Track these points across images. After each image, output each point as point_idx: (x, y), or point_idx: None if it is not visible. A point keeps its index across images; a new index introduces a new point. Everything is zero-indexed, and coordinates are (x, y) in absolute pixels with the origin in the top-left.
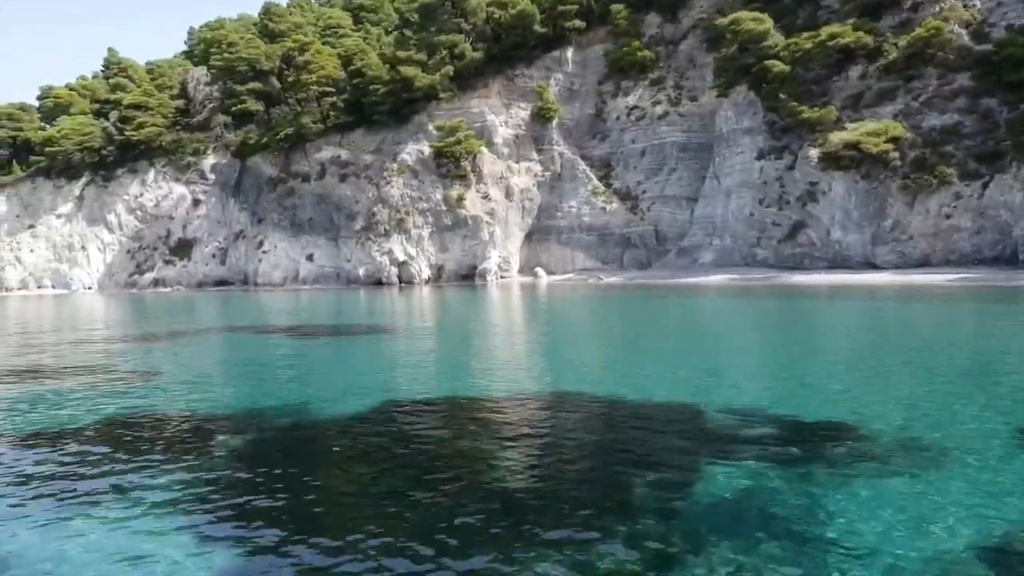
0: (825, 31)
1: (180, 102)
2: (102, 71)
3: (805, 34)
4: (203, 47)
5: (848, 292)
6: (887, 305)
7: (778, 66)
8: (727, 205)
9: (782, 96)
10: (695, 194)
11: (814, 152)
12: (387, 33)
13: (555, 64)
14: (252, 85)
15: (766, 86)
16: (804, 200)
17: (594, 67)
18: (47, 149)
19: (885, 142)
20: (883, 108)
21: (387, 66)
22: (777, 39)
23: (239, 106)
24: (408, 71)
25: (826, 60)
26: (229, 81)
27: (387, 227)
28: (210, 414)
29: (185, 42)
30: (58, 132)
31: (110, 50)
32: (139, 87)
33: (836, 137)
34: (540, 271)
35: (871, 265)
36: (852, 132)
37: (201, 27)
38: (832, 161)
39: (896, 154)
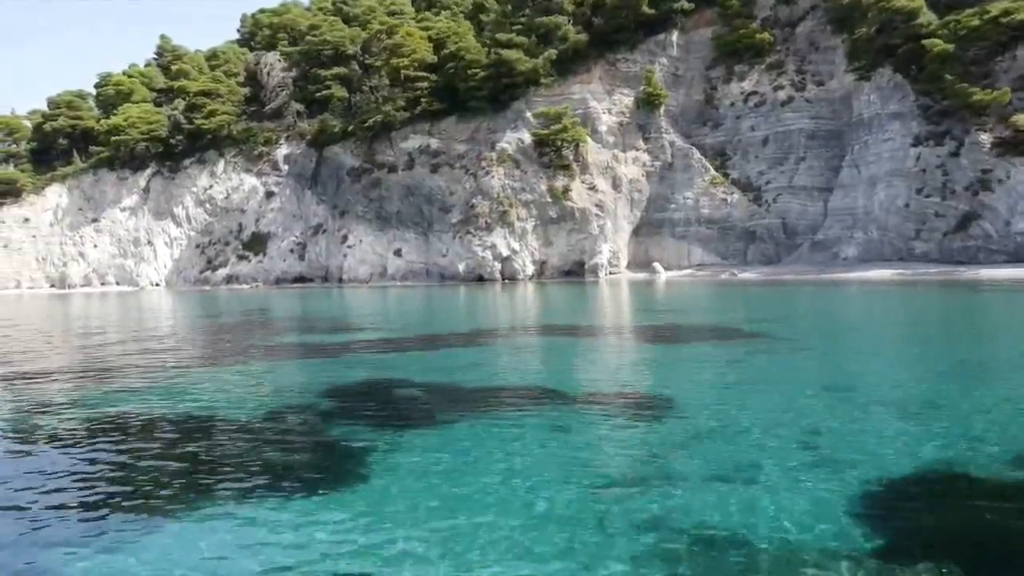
0: (996, 7)
1: (246, 90)
2: (155, 59)
3: (968, 11)
4: (269, 32)
5: None
6: None
7: (939, 45)
8: (872, 195)
9: (949, 77)
10: (827, 184)
11: (985, 137)
12: (458, 18)
13: (659, 48)
14: (336, 70)
15: (922, 67)
16: (975, 189)
17: (699, 51)
18: (113, 139)
19: None
20: None
21: (486, 49)
22: (929, 17)
23: (323, 92)
24: (510, 54)
25: (998, 38)
26: (313, 66)
27: (488, 220)
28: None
29: (238, 29)
30: (124, 120)
31: (163, 37)
32: (202, 74)
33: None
34: (657, 266)
35: None
36: None
37: (258, 12)
38: (1009, 147)
39: None
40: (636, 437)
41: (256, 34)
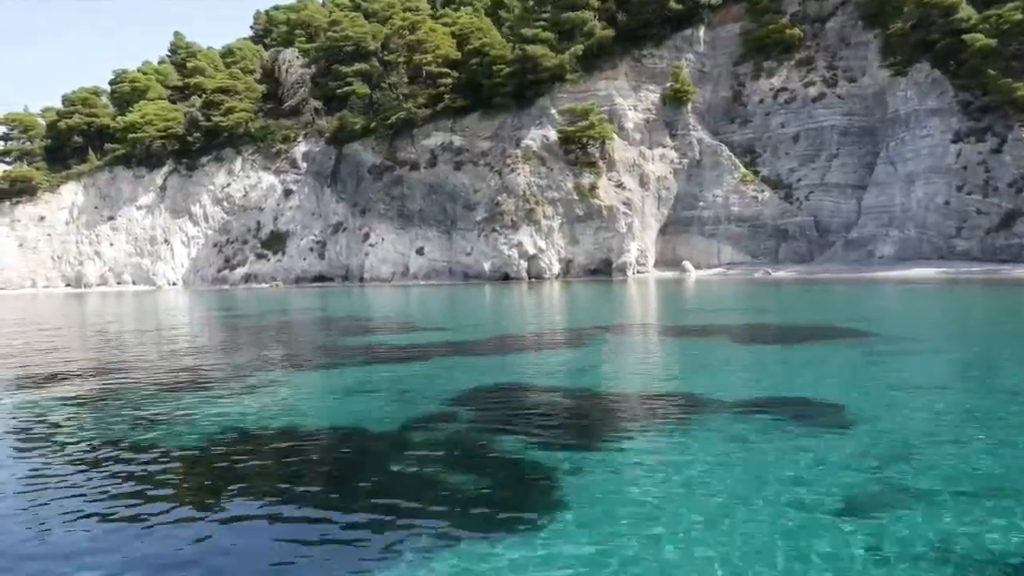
0: None
1: (263, 87)
2: (168, 56)
3: (1009, 5)
4: (285, 29)
5: None
6: None
7: (980, 40)
8: (909, 193)
9: (991, 72)
10: (861, 181)
11: None
12: (479, 14)
13: (685, 44)
14: (358, 66)
15: (962, 63)
16: (1020, 186)
17: (725, 47)
18: (129, 136)
19: None
20: None
21: (511, 45)
22: (969, 11)
23: (344, 89)
24: (536, 50)
25: None
26: (334, 63)
27: (514, 218)
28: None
29: (251, 26)
30: (141, 118)
31: (176, 34)
32: (218, 71)
33: None
34: (687, 265)
35: None
36: None
37: (273, 9)
38: None
39: None
40: (831, 447)
41: (271, 31)
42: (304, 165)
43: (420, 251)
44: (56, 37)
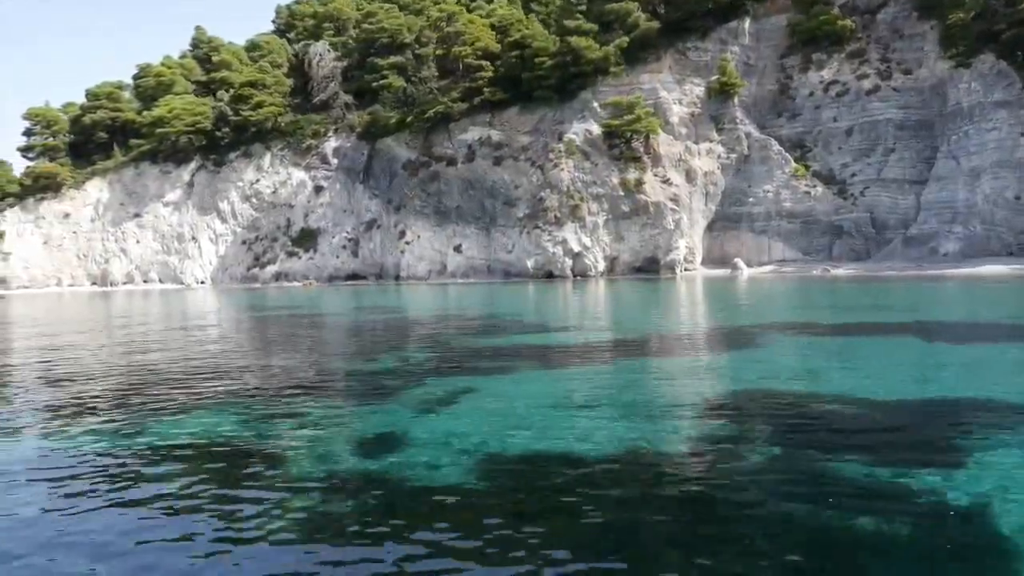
0: None
1: (290, 81)
2: (190, 51)
3: None
4: (312, 22)
5: None
6: None
7: None
8: (974, 188)
9: None
10: (920, 176)
11: None
12: (515, 4)
13: (730, 36)
14: (393, 59)
15: None
16: None
17: (771, 39)
18: (157, 131)
19: None
20: None
21: (554, 37)
22: None
23: (380, 82)
24: (579, 42)
25: None
26: (368, 55)
27: (558, 214)
28: None
29: (273, 20)
30: (169, 112)
31: (198, 28)
32: (244, 65)
33: None
34: (739, 262)
35: None
36: None
37: (295, 3)
38: None
39: None
40: None
41: (294, 26)
42: (335, 161)
43: (458, 249)
44: (64, 35)
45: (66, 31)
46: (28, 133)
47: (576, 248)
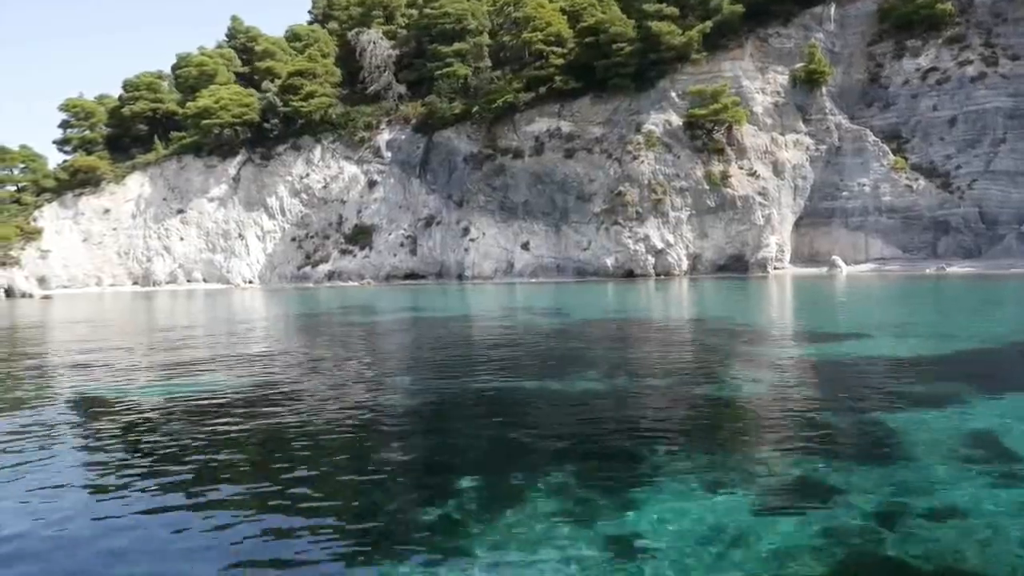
0: None
1: (340, 70)
2: (226, 41)
3: None
4: (359, 10)
5: None
6: None
7: None
8: None
9: None
10: None
11: None
12: None
13: (814, 22)
14: (457, 46)
15: None
16: None
17: (856, 26)
18: (203, 122)
19: None
20: None
21: (633, 22)
22: None
23: (444, 70)
24: (661, 27)
25: None
26: (429, 43)
27: (639, 209)
28: None
29: (309, 11)
30: (215, 102)
31: (234, 18)
32: (288, 55)
33: None
34: (838, 260)
35: None
36: None
37: None
38: None
39: None
40: None
41: (332, 15)
42: (388, 154)
43: (525, 246)
44: (90, 31)
45: (92, 26)
46: (65, 125)
47: (659, 245)
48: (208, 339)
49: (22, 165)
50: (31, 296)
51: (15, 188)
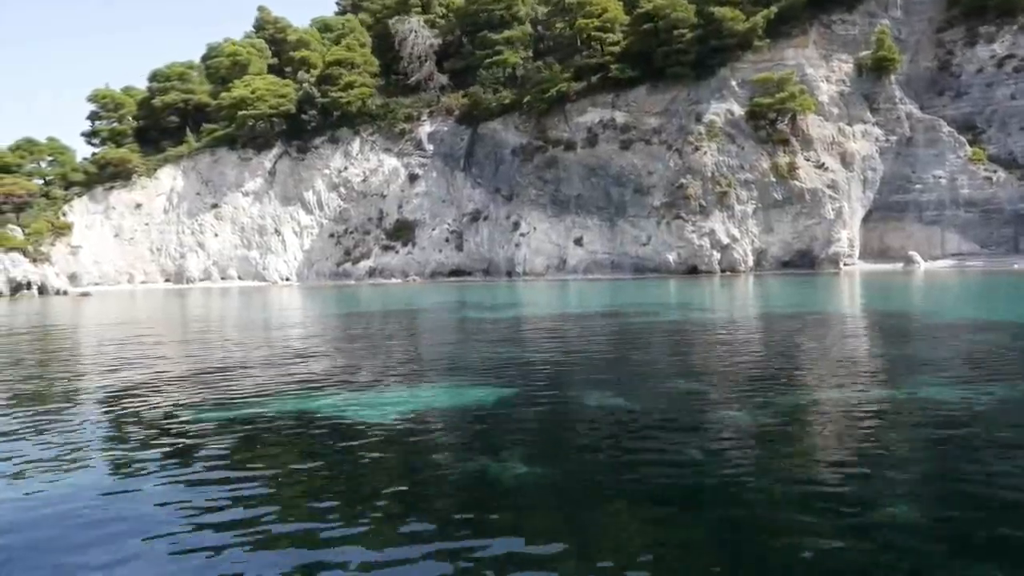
0: None
1: (377, 60)
2: (254, 32)
3: None
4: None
5: None
6: None
7: None
8: None
9: None
10: None
11: None
12: None
13: (880, 8)
14: (508, 33)
15: None
16: None
17: (923, 12)
18: (239, 113)
19: None
20: None
21: (694, 7)
22: None
23: (495, 58)
24: (724, 12)
25: None
26: (476, 30)
27: (703, 203)
28: None
29: (337, 2)
30: (252, 93)
31: (262, 9)
32: (322, 45)
33: None
34: (915, 255)
35: None
36: None
37: None
38: None
39: None
40: None
41: (363, 5)
42: (430, 147)
43: (578, 241)
44: (116, 26)
45: (115, 24)
46: (93, 117)
47: (725, 240)
48: (317, 349)
49: (50, 158)
50: (65, 293)
51: (43, 181)
